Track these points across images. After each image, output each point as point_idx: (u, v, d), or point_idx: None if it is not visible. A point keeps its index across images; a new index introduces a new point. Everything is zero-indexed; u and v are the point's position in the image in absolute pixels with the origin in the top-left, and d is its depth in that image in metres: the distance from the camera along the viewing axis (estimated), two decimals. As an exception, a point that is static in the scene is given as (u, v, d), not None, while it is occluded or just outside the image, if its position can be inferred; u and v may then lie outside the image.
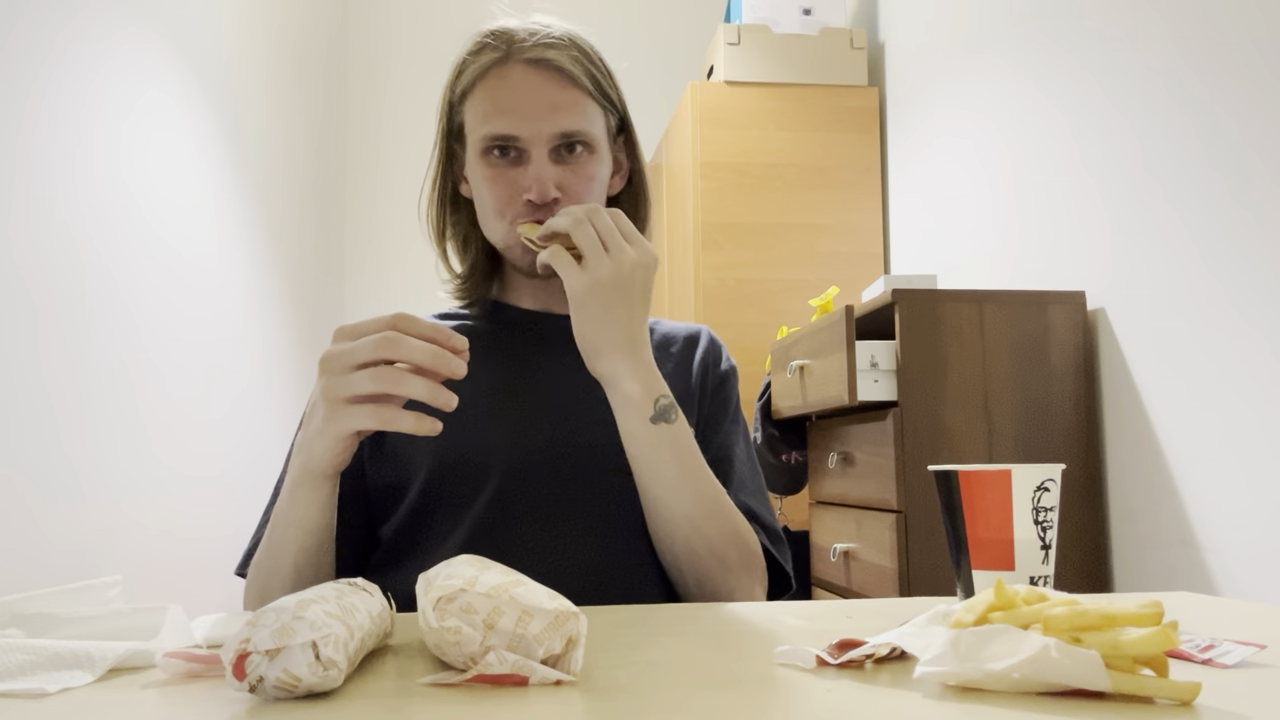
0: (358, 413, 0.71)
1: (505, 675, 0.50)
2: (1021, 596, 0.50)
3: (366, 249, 3.91)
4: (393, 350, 0.70)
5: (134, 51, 2.16)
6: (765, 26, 2.97)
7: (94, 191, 1.97)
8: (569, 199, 0.94)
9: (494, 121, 0.94)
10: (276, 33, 3.12)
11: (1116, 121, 1.84)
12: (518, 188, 0.94)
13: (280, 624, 0.48)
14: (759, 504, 1.00)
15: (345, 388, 0.71)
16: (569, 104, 0.94)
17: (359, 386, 0.70)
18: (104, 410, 1.98)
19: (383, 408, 0.71)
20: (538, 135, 0.93)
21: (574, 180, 0.95)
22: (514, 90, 0.94)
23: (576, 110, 0.95)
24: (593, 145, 0.96)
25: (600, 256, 0.82)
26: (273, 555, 0.83)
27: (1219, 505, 1.56)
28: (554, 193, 0.93)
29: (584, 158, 0.96)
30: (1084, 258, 1.94)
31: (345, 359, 0.71)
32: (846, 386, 1.83)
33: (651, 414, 0.85)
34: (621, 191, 1.06)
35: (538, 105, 0.93)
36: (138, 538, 2.10)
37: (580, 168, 0.96)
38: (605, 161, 1.00)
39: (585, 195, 0.96)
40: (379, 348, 0.70)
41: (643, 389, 0.85)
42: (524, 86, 0.94)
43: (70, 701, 0.49)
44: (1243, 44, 1.53)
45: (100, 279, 1.99)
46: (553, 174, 0.94)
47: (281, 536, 0.81)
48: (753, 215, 2.89)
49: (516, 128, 0.93)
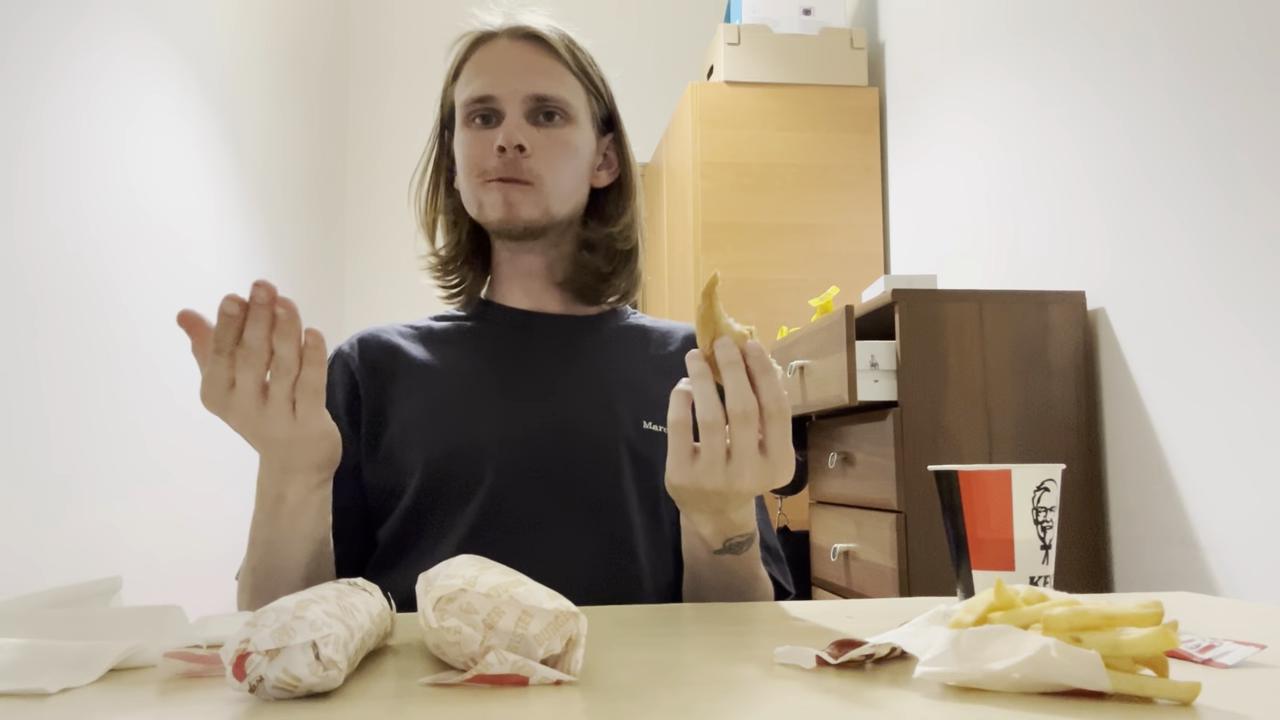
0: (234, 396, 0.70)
1: (505, 675, 0.50)
2: (1021, 596, 0.50)
3: (366, 249, 3.91)
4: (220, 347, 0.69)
5: (135, 55, 2.16)
6: (765, 26, 2.97)
7: (95, 194, 1.97)
8: (538, 157, 0.96)
9: (473, 85, 0.97)
10: (276, 33, 3.12)
11: (1116, 121, 1.84)
12: (490, 143, 0.96)
13: (280, 624, 0.47)
14: (763, 526, 1.01)
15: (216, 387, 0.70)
16: (546, 69, 0.97)
17: (219, 379, 0.70)
18: (104, 410, 1.98)
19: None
20: (512, 94, 0.96)
21: (546, 141, 0.97)
22: (494, 56, 0.98)
23: (554, 77, 0.98)
24: (570, 114, 0.98)
25: (746, 464, 0.71)
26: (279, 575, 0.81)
27: (1219, 505, 1.56)
28: (520, 139, 0.94)
29: (560, 124, 0.98)
30: (1083, 258, 1.94)
31: (211, 382, 0.70)
32: (846, 386, 1.83)
33: (719, 549, 0.82)
34: (609, 187, 1.06)
35: (515, 68, 0.97)
36: (138, 538, 2.10)
37: (555, 131, 0.97)
38: (585, 136, 1.01)
39: (558, 158, 0.97)
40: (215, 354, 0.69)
41: (714, 531, 0.79)
42: (505, 53, 0.98)
43: (70, 701, 0.49)
44: (1240, 44, 1.53)
45: (101, 280, 1.99)
46: (525, 129, 0.96)
47: (288, 551, 0.80)
48: (753, 215, 2.89)
49: (491, 87, 0.96)
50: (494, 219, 0.97)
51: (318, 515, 0.80)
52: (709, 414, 0.71)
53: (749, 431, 0.70)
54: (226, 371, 0.69)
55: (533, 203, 0.96)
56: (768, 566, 0.97)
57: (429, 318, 1.07)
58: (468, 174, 0.98)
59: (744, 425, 0.70)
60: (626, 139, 1.06)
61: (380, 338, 1.02)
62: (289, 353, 0.69)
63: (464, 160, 0.98)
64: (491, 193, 0.96)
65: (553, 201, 0.98)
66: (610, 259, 1.04)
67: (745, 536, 0.81)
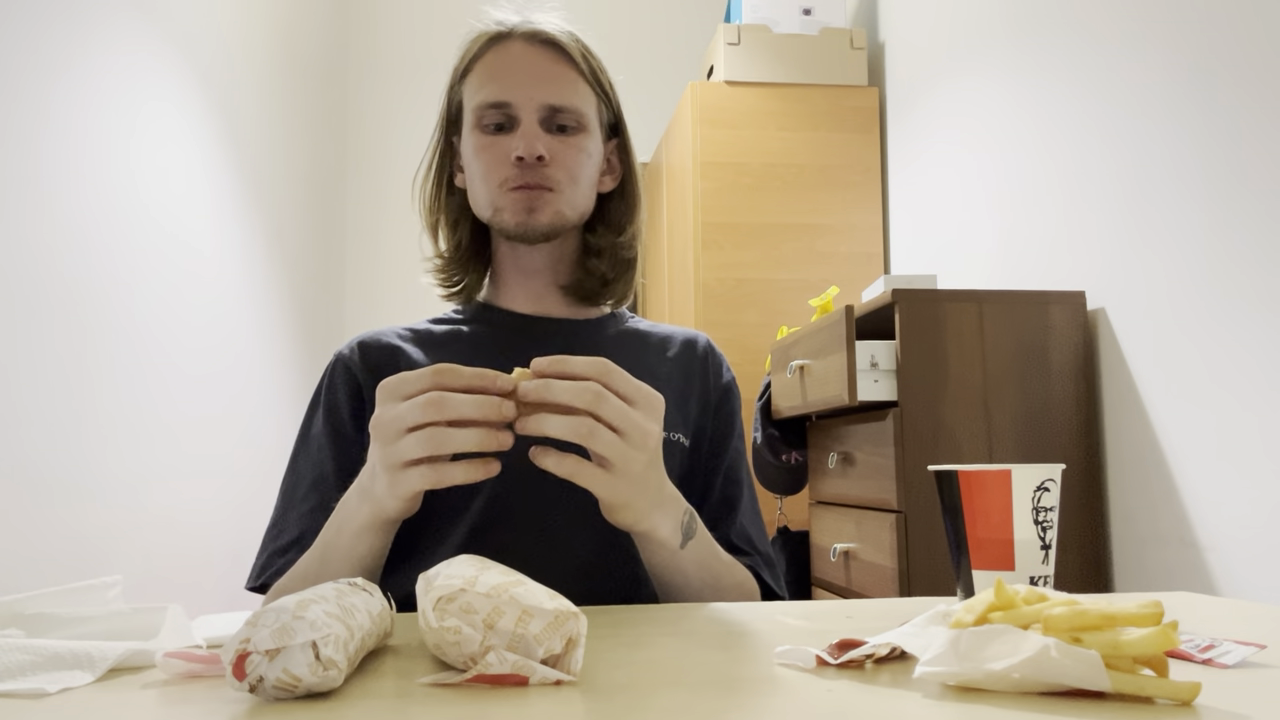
0: (414, 476, 0.71)
1: (505, 675, 0.50)
2: (1021, 596, 0.50)
3: (367, 249, 3.91)
4: (439, 412, 0.69)
5: (137, 57, 2.16)
6: (765, 26, 2.97)
7: (97, 195, 1.97)
8: (558, 166, 0.96)
9: (487, 89, 0.96)
10: (276, 33, 3.12)
11: (1116, 121, 1.84)
12: (507, 151, 0.95)
13: (280, 624, 0.47)
14: (756, 531, 1.01)
15: (398, 454, 0.71)
16: (562, 78, 0.97)
17: (410, 452, 0.70)
18: (104, 410, 1.98)
19: (435, 467, 0.71)
20: (528, 101, 0.95)
21: (563, 149, 0.96)
22: (510, 61, 0.97)
23: (569, 86, 0.97)
24: (584, 124, 0.98)
25: (627, 455, 0.73)
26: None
27: (1219, 505, 1.56)
28: (540, 150, 0.94)
29: (575, 133, 0.97)
30: (1083, 258, 1.94)
31: (395, 425, 0.71)
32: (846, 386, 1.83)
33: (679, 543, 0.84)
34: (613, 193, 1.06)
35: (531, 74, 0.96)
36: (138, 538, 2.10)
37: (571, 139, 0.97)
38: (597, 144, 1.01)
39: (575, 166, 0.97)
40: (425, 411, 0.69)
41: (672, 526, 0.82)
42: (520, 58, 0.97)
43: (70, 701, 0.49)
44: (1241, 44, 1.53)
45: (101, 280, 1.99)
46: (544, 139, 0.95)
47: (338, 571, 0.81)
48: (753, 215, 2.89)
49: (508, 93, 0.95)
50: (512, 224, 0.97)
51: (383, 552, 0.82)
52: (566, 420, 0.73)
53: (606, 407, 0.72)
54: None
55: (552, 208, 0.97)
56: (760, 570, 0.98)
57: (427, 320, 1.07)
58: (480, 178, 0.98)
59: (598, 407, 0.72)
60: (631, 144, 1.06)
61: (380, 340, 1.02)
62: (471, 442, 0.71)
63: (479, 167, 0.98)
64: (510, 198, 0.96)
65: (569, 208, 0.98)
66: (614, 266, 1.04)
67: (691, 514, 0.84)
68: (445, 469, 0.71)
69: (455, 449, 0.70)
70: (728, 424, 1.05)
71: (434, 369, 0.71)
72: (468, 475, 0.72)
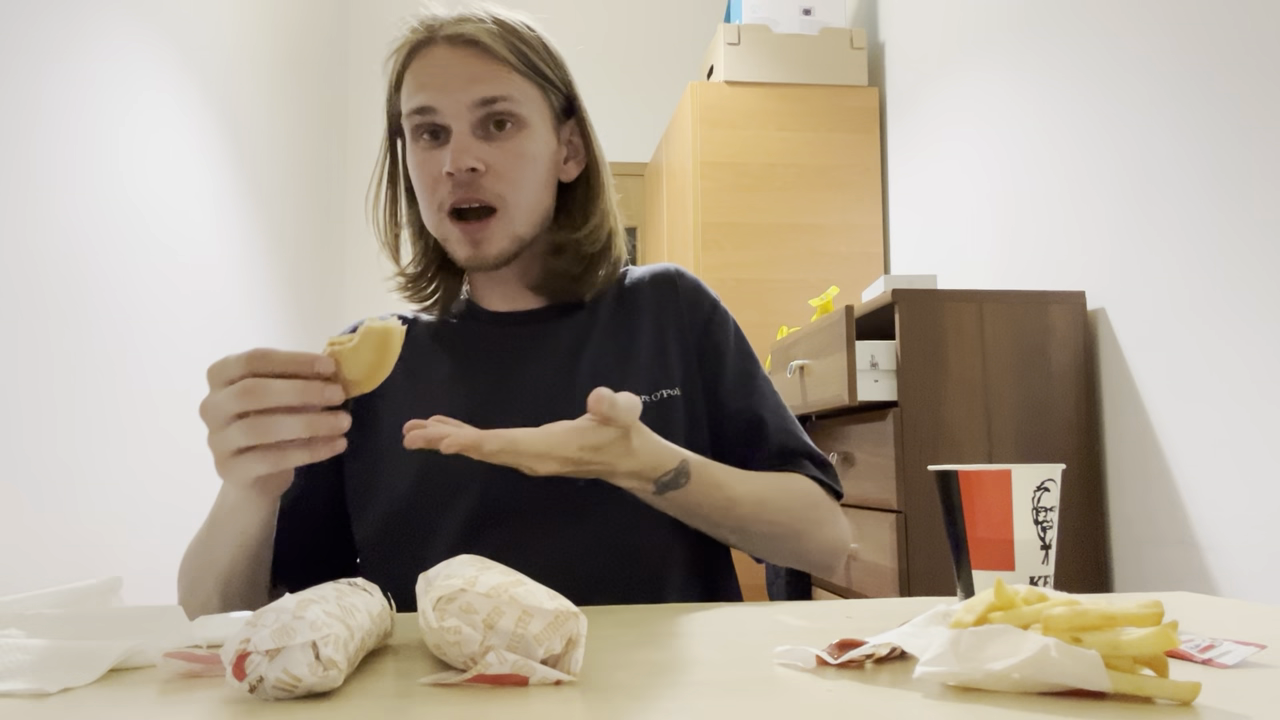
0: (246, 463, 0.69)
1: (505, 675, 0.50)
2: (1021, 596, 0.50)
3: (366, 248, 3.91)
4: (256, 400, 0.66)
5: (132, 52, 2.16)
6: (765, 26, 2.97)
7: (92, 192, 1.97)
8: (496, 176, 0.92)
9: (415, 98, 0.93)
10: (276, 32, 3.12)
11: (1117, 121, 1.84)
12: (441, 165, 0.92)
13: (280, 624, 0.47)
14: (795, 440, 0.99)
15: (224, 443, 0.69)
16: (488, 75, 0.92)
17: (236, 441, 0.68)
18: (103, 410, 1.98)
19: (268, 453, 0.68)
20: (456, 106, 0.91)
21: (500, 156, 0.92)
22: (434, 66, 0.93)
23: (496, 81, 0.92)
24: (521, 120, 0.94)
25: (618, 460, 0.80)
26: (207, 557, 0.84)
27: (1219, 505, 1.56)
28: (470, 162, 0.90)
29: (512, 133, 0.93)
30: (1084, 258, 1.94)
31: (216, 412, 0.68)
32: (846, 386, 1.83)
33: (653, 490, 0.84)
34: (577, 182, 1.02)
35: (455, 77, 0.92)
36: (138, 538, 2.10)
37: (508, 143, 0.93)
38: (542, 139, 0.96)
39: (515, 172, 0.93)
40: (242, 400, 0.67)
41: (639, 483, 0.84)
42: (443, 61, 0.93)
43: (70, 701, 0.49)
44: (1243, 44, 1.53)
45: (99, 279, 1.99)
46: (475, 148, 0.91)
47: (223, 541, 0.82)
48: (753, 215, 2.89)
49: (433, 99, 0.92)
50: (462, 257, 0.95)
51: (264, 525, 0.82)
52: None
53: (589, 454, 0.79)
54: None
55: (500, 235, 0.93)
56: (811, 473, 0.97)
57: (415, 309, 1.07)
58: (425, 203, 0.95)
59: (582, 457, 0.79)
60: (589, 122, 1.01)
61: None
62: (295, 429, 0.69)
63: (418, 185, 0.95)
64: (455, 231, 0.93)
65: (519, 226, 0.94)
66: (579, 261, 1.00)
67: (671, 473, 0.84)
68: (281, 454, 0.68)
69: (280, 438, 0.67)
70: (716, 354, 1.00)
71: (249, 354, 0.68)
72: (310, 456, 0.69)
